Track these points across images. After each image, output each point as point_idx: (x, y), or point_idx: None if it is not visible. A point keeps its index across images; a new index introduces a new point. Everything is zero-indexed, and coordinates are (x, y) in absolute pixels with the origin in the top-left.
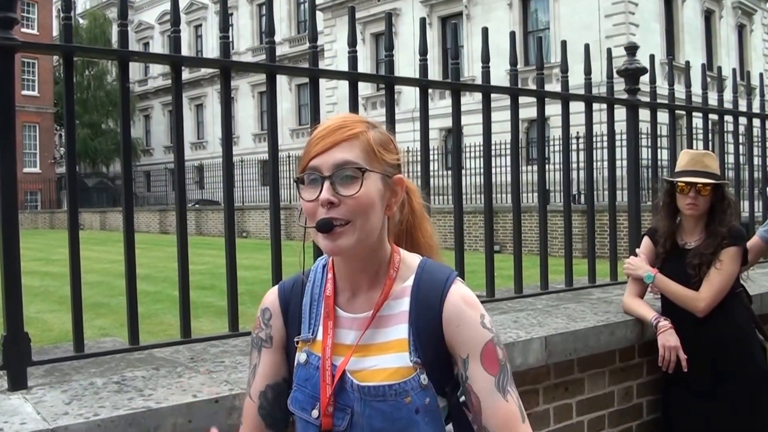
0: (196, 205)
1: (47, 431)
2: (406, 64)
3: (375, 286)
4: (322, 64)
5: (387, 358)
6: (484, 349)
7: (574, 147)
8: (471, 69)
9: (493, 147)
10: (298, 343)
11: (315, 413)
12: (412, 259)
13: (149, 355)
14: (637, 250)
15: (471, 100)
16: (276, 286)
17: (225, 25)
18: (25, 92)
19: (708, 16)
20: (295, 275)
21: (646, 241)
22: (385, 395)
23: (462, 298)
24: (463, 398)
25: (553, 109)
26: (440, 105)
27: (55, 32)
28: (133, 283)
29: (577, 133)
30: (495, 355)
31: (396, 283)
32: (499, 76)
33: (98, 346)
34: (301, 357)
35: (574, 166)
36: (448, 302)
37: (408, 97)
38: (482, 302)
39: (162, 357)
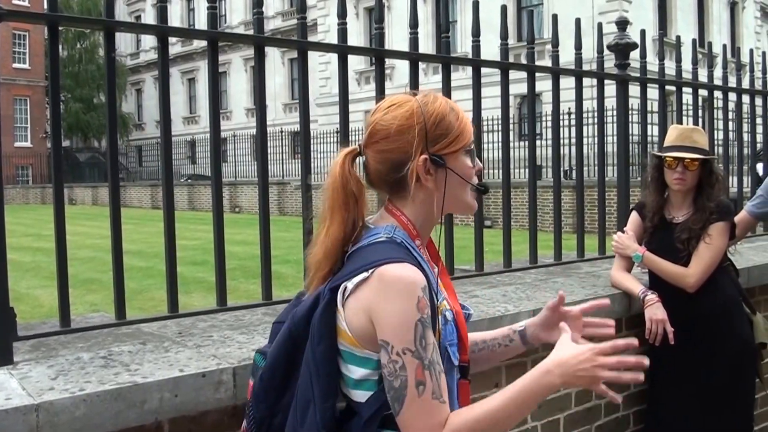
0: (188, 180)
1: (32, 406)
2: (399, 39)
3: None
4: (316, 39)
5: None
6: None
7: (565, 123)
8: (463, 45)
9: (483, 122)
10: (439, 306)
11: (458, 356)
12: None
13: (137, 330)
14: (624, 228)
15: (463, 75)
16: (405, 264)
17: None
18: (16, 65)
19: None
20: (390, 247)
21: (634, 216)
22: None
23: None
24: None
25: (543, 84)
26: (433, 80)
27: (46, 5)
28: (120, 256)
29: (568, 109)
30: None
31: None
32: (491, 52)
33: (85, 321)
34: (448, 315)
35: (565, 141)
36: None
37: (401, 72)
38: (471, 276)
39: (149, 332)
